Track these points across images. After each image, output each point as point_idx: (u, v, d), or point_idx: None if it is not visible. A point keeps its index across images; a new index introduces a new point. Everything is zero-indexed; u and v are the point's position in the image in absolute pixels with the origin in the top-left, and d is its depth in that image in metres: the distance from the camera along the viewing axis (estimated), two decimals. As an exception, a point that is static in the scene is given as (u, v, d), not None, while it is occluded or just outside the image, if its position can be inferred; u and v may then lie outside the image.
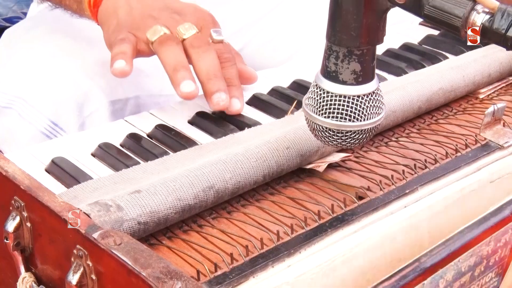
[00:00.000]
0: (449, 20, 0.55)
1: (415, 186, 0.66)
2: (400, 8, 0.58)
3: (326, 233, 0.60)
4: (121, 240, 0.53)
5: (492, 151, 0.72)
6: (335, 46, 0.60)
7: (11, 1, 1.66)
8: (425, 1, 0.56)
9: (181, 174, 0.63)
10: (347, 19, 0.59)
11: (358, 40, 0.59)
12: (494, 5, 0.54)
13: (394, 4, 0.58)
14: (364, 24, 0.59)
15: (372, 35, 0.60)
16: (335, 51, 0.60)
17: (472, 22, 0.55)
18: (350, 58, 0.60)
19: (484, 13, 0.54)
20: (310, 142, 0.70)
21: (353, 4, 0.58)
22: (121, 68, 0.79)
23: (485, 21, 0.54)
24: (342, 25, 0.59)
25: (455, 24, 0.55)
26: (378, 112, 0.62)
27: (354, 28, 0.59)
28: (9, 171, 0.60)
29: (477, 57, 0.87)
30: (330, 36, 0.60)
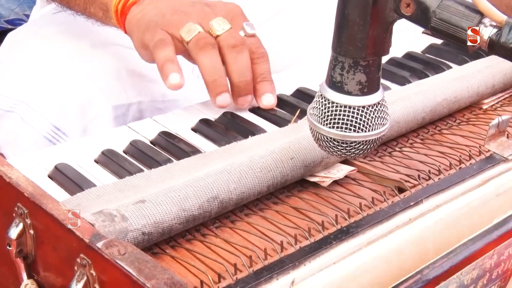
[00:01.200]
0: (456, 33, 0.55)
1: (419, 198, 0.66)
2: (407, 20, 0.58)
3: (331, 246, 0.60)
4: (125, 250, 0.53)
5: (496, 164, 0.71)
6: (340, 56, 0.60)
7: (13, 3, 1.65)
8: (432, 14, 0.56)
9: (186, 184, 0.63)
10: (354, 30, 0.59)
11: (364, 51, 0.59)
12: (501, 19, 0.54)
13: (400, 16, 0.58)
14: (371, 35, 0.59)
15: (378, 46, 0.60)
16: (340, 62, 0.60)
17: (480, 35, 0.55)
18: (356, 69, 0.60)
19: (491, 27, 0.54)
20: (314, 153, 0.69)
21: (359, 16, 0.58)
22: (177, 83, 0.79)
23: (492, 35, 0.54)
24: (348, 36, 0.59)
25: (462, 38, 0.55)
26: (383, 123, 0.62)
27: (360, 39, 0.59)
28: (12, 178, 0.60)
29: (481, 67, 0.87)
30: (336, 46, 0.60)
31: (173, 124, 0.81)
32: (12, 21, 1.66)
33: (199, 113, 0.83)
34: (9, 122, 0.91)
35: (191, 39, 0.80)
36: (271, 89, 0.83)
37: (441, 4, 0.56)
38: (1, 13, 1.66)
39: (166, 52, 0.80)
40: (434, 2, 0.56)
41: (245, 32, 0.84)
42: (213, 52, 0.80)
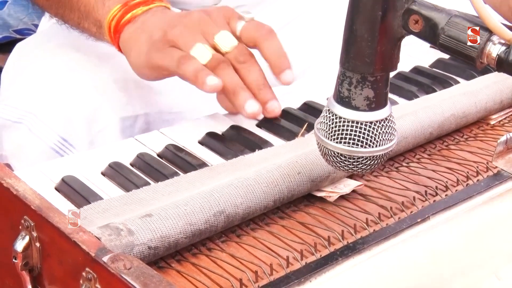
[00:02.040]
0: (465, 50, 0.55)
1: (426, 215, 0.65)
2: (415, 36, 0.58)
3: (337, 262, 0.60)
4: (131, 265, 0.53)
5: (504, 181, 0.71)
6: (348, 72, 0.60)
7: (22, 13, 1.66)
8: (440, 31, 0.56)
9: (192, 198, 0.63)
10: (362, 45, 0.59)
11: (372, 67, 0.59)
12: (510, 37, 0.54)
13: (409, 32, 0.58)
14: (379, 51, 0.59)
15: (386, 62, 0.60)
16: (348, 77, 0.60)
17: (488, 53, 0.55)
18: (364, 84, 0.60)
19: (500, 44, 0.54)
20: (321, 168, 0.69)
21: (368, 31, 0.58)
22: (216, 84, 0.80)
23: (501, 52, 0.54)
24: (356, 51, 0.59)
25: (471, 55, 0.55)
26: (390, 139, 0.62)
27: (369, 54, 0.59)
28: (19, 190, 0.60)
29: (488, 83, 0.86)
30: (344, 62, 0.60)
31: (180, 137, 0.81)
32: (21, 31, 1.66)
33: (206, 126, 0.83)
34: (17, 133, 0.91)
35: (207, 64, 0.82)
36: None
37: (450, 21, 0.56)
38: (9, 23, 1.67)
39: (193, 64, 0.81)
40: (442, 19, 0.56)
41: (244, 20, 0.85)
42: (229, 70, 0.82)
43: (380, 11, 0.57)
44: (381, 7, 0.57)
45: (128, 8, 0.87)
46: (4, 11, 1.64)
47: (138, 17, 0.87)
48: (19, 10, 1.65)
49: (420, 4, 0.57)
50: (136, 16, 0.87)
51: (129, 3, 0.87)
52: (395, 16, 0.58)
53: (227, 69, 0.82)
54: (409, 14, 0.57)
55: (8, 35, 1.67)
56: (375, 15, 0.57)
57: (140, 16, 0.87)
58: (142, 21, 0.86)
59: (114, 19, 0.87)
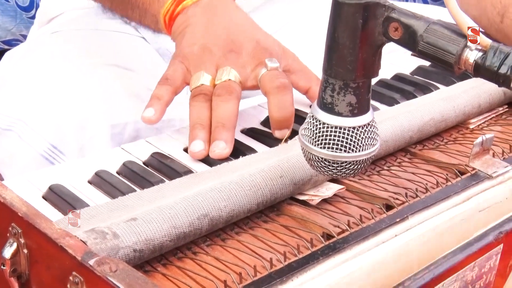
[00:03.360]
0: (443, 56, 0.57)
1: (405, 215, 0.67)
2: (395, 43, 0.60)
3: (318, 261, 0.61)
4: (116, 267, 0.54)
5: (481, 181, 0.73)
6: (331, 78, 0.62)
7: (10, 24, 1.67)
8: (419, 38, 0.58)
9: (176, 202, 0.64)
10: (343, 53, 0.60)
11: (354, 74, 0.61)
12: (486, 43, 0.55)
13: (389, 39, 0.60)
14: (360, 58, 0.60)
15: (368, 68, 0.61)
16: (331, 84, 0.62)
17: (465, 59, 0.56)
18: (346, 91, 0.61)
19: (477, 50, 0.56)
20: (303, 171, 0.71)
21: (349, 39, 0.60)
22: (148, 118, 0.81)
23: (477, 58, 0.56)
24: (338, 58, 0.61)
25: (449, 61, 0.57)
26: (373, 143, 0.64)
27: (350, 62, 0.60)
28: (7, 198, 0.61)
29: (467, 88, 0.88)
30: (326, 69, 0.62)
31: (166, 145, 0.82)
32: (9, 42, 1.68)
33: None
34: (7, 141, 0.92)
35: (192, 89, 0.84)
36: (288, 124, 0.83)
37: (428, 28, 0.58)
38: (-3, 33, 1.68)
39: (160, 90, 0.83)
40: (421, 26, 0.58)
41: (266, 67, 0.85)
42: (203, 104, 0.82)
43: (361, 19, 0.59)
44: (362, 15, 0.59)
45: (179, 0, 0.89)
46: (-8, 21, 1.66)
47: (187, 9, 0.88)
48: (7, 21, 1.66)
49: (399, 12, 0.59)
50: (186, 7, 0.88)
51: None
52: (375, 24, 0.59)
53: (199, 102, 0.82)
54: (389, 21, 0.59)
55: (-4, 46, 1.69)
56: (356, 23, 0.59)
57: (190, 8, 0.88)
58: (190, 14, 0.88)
59: (168, 13, 0.89)
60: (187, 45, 0.86)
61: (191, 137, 0.80)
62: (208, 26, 0.87)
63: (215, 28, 0.87)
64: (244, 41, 0.87)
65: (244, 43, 0.86)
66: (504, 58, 0.54)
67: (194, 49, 0.85)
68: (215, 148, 0.78)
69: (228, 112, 0.80)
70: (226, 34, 0.86)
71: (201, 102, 0.82)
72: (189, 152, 0.79)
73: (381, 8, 0.58)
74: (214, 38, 0.86)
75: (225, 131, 0.79)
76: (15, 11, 1.64)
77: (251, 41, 0.87)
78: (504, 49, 0.55)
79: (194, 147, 0.79)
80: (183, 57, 0.85)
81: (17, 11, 1.64)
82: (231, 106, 0.81)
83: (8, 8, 1.64)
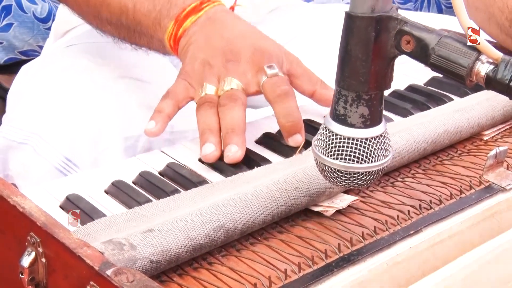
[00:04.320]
0: (455, 69, 0.58)
1: (419, 227, 0.67)
2: (407, 56, 0.60)
3: (332, 273, 0.61)
4: (133, 278, 0.55)
5: (495, 193, 0.73)
6: (344, 90, 0.62)
7: (27, 35, 1.69)
8: (431, 51, 0.58)
9: (192, 213, 0.65)
10: (356, 65, 0.61)
11: (367, 86, 0.61)
12: (497, 56, 0.56)
13: (401, 52, 0.60)
14: (373, 70, 0.61)
15: (380, 80, 0.62)
16: (344, 95, 0.62)
17: (477, 71, 0.57)
18: (359, 102, 0.62)
19: (488, 63, 0.57)
20: (318, 183, 0.71)
21: (362, 51, 0.60)
22: (150, 130, 0.83)
23: (489, 71, 0.56)
24: (351, 71, 0.61)
25: (461, 74, 0.57)
26: (385, 155, 0.64)
27: (363, 74, 0.61)
28: (26, 208, 0.62)
29: (481, 99, 0.89)
30: (339, 81, 0.63)
31: (181, 155, 0.83)
32: (26, 52, 1.69)
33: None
34: (22, 154, 0.93)
35: (197, 100, 0.85)
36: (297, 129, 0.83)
37: (440, 41, 0.58)
38: (15, 44, 1.70)
39: (162, 104, 0.85)
40: (433, 40, 0.59)
41: (266, 75, 0.86)
42: (209, 111, 0.83)
43: (374, 32, 0.59)
44: (374, 28, 0.59)
45: (180, 22, 0.90)
46: (9, 33, 1.67)
47: (188, 30, 0.90)
48: (25, 32, 1.68)
49: (411, 25, 0.59)
50: (186, 29, 0.90)
51: (179, 17, 0.90)
52: (387, 37, 0.60)
53: (207, 110, 0.83)
54: (401, 34, 0.60)
55: (13, 56, 1.70)
56: (369, 36, 0.60)
57: (190, 28, 0.90)
58: (190, 34, 0.90)
59: (171, 38, 0.91)
60: (188, 62, 0.88)
61: (202, 141, 0.81)
62: (207, 41, 0.88)
63: (213, 41, 0.88)
64: (242, 49, 0.88)
65: (242, 50, 0.88)
66: (515, 70, 0.55)
67: (195, 66, 0.87)
68: (228, 153, 0.79)
69: (236, 118, 0.82)
70: (224, 45, 0.88)
71: (207, 110, 0.83)
72: (202, 156, 0.80)
73: (394, 21, 0.59)
74: (213, 51, 0.88)
75: (235, 135, 0.80)
76: (33, 22, 1.66)
77: (249, 48, 0.88)
78: (515, 62, 0.55)
79: (206, 149, 0.80)
80: (185, 74, 0.87)
81: (35, 22, 1.66)
82: (238, 113, 0.82)
83: (26, 19, 1.66)
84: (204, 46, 0.88)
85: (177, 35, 0.90)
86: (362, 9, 0.59)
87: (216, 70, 0.87)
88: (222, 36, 0.89)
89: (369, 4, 0.59)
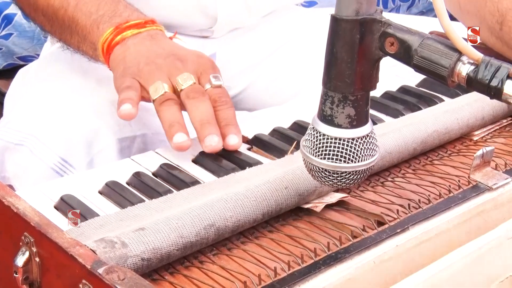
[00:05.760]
0: (436, 70, 0.59)
1: (406, 226, 0.69)
2: (391, 57, 0.62)
3: (319, 270, 0.63)
4: (124, 276, 0.56)
5: (481, 192, 0.74)
6: (330, 91, 0.64)
7: (26, 44, 1.71)
8: (414, 52, 0.60)
9: (184, 212, 0.66)
10: (342, 67, 0.62)
11: (352, 87, 0.63)
12: (478, 57, 0.57)
13: (385, 53, 0.62)
14: (358, 72, 0.62)
15: (366, 82, 0.63)
16: (330, 96, 0.64)
17: (458, 72, 0.58)
18: (345, 103, 0.63)
19: (469, 64, 0.58)
20: (308, 182, 0.72)
21: (347, 53, 0.62)
22: (128, 110, 0.84)
23: (470, 72, 0.58)
24: (337, 72, 0.63)
25: (442, 74, 0.59)
26: (372, 154, 0.65)
27: (348, 75, 0.62)
28: (20, 208, 0.63)
29: (470, 101, 0.90)
30: (326, 82, 0.64)
31: (175, 156, 0.84)
32: (24, 58, 1.71)
33: (200, 146, 0.86)
34: (19, 155, 0.94)
35: (156, 98, 0.86)
36: (235, 131, 0.85)
37: (422, 43, 0.60)
38: (14, 50, 1.71)
39: (128, 94, 0.86)
40: (416, 41, 0.60)
41: (211, 84, 0.88)
42: (173, 107, 0.85)
43: (358, 35, 0.61)
44: (359, 31, 0.61)
45: (120, 30, 0.92)
46: (9, 41, 1.69)
47: (127, 39, 0.92)
48: (24, 42, 1.70)
49: (395, 28, 0.61)
50: (126, 38, 0.92)
51: (121, 26, 0.92)
52: (372, 39, 0.61)
53: (170, 106, 0.85)
54: (385, 37, 0.61)
55: (12, 62, 1.72)
56: (354, 38, 0.61)
57: (130, 39, 0.92)
58: (129, 45, 0.91)
59: (106, 42, 0.92)
60: (132, 64, 0.89)
61: (171, 132, 0.82)
62: (149, 49, 0.90)
63: (155, 48, 0.91)
64: (186, 53, 0.91)
65: (187, 54, 0.91)
66: (495, 71, 0.56)
67: (141, 66, 0.89)
68: (210, 142, 0.82)
69: (209, 110, 0.84)
70: (168, 50, 0.90)
71: (170, 106, 0.85)
72: (174, 145, 0.82)
73: (378, 24, 0.60)
74: (156, 54, 0.90)
75: (211, 126, 0.83)
76: (33, 32, 1.69)
77: (192, 54, 0.91)
78: (495, 62, 0.56)
79: (177, 138, 0.82)
80: (134, 74, 0.88)
81: (35, 33, 1.69)
82: (208, 105, 0.85)
83: (27, 28, 1.68)
84: (146, 52, 0.90)
85: (113, 41, 0.92)
86: (347, 12, 0.60)
87: (165, 69, 0.88)
88: (164, 48, 0.91)
89: (353, 7, 0.60)
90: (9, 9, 1.64)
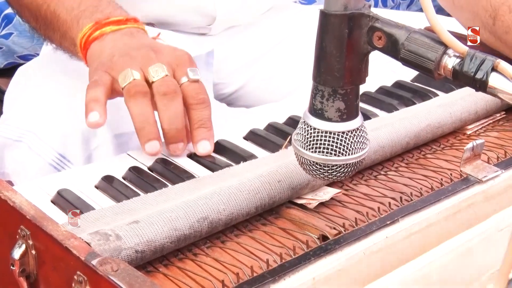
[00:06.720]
0: (423, 63, 0.60)
1: (396, 218, 0.70)
2: (379, 51, 0.63)
3: (310, 261, 0.63)
4: (118, 267, 0.57)
5: (471, 185, 0.75)
6: (320, 86, 0.65)
7: (26, 44, 1.72)
8: (401, 46, 0.61)
9: (178, 205, 0.67)
10: (331, 61, 0.63)
11: (342, 81, 0.64)
12: (463, 50, 0.58)
13: (373, 48, 0.63)
14: (347, 66, 0.63)
15: (355, 75, 0.64)
16: (320, 90, 0.65)
17: (444, 65, 0.59)
18: (335, 97, 0.64)
19: (455, 57, 0.59)
20: (300, 176, 0.73)
21: (336, 48, 0.62)
22: (95, 121, 0.82)
23: (455, 64, 0.59)
24: (327, 66, 0.63)
25: (429, 67, 0.60)
26: (363, 147, 0.66)
27: (338, 69, 0.63)
28: (16, 202, 0.65)
29: (463, 95, 0.91)
30: (316, 76, 0.65)
31: (170, 151, 0.85)
32: (25, 57, 1.72)
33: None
34: (17, 151, 0.95)
35: (125, 86, 0.83)
36: (208, 135, 0.84)
37: (409, 37, 0.60)
38: (14, 49, 1.73)
39: (94, 92, 0.83)
40: (402, 35, 0.61)
41: (188, 77, 0.85)
42: (143, 100, 0.82)
43: (347, 29, 0.62)
44: (347, 25, 0.62)
45: (99, 26, 0.90)
46: (9, 40, 1.70)
47: (106, 35, 0.90)
48: (24, 42, 1.71)
49: (382, 22, 0.62)
50: (104, 34, 0.90)
51: (101, 22, 0.91)
52: (360, 34, 0.62)
53: (140, 99, 0.82)
54: (373, 31, 0.62)
55: (12, 60, 1.73)
56: (342, 32, 0.62)
57: (108, 35, 0.90)
58: (108, 40, 0.90)
59: (84, 37, 0.91)
60: (106, 59, 0.86)
61: (144, 138, 0.81)
62: (126, 45, 0.88)
63: (132, 45, 0.88)
64: (162, 46, 0.89)
65: (162, 46, 0.88)
66: (480, 64, 0.57)
67: (114, 58, 0.86)
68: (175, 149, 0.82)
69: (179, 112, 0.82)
70: (145, 44, 0.88)
71: (140, 99, 0.82)
72: (146, 151, 0.82)
73: (366, 18, 0.61)
74: (132, 47, 0.87)
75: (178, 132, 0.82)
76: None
77: (169, 47, 0.89)
78: (479, 55, 0.57)
79: (151, 148, 0.81)
80: (106, 67, 0.86)
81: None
82: (179, 105, 0.83)
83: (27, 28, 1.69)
84: (122, 46, 0.88)
85: (91, 36, 0.90)
86: (335, 7, 0.61)
87: (139, 59, 0.85)
88: (143, 44, 0.89)
89: (342, 2, 0.61)
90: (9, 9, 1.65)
